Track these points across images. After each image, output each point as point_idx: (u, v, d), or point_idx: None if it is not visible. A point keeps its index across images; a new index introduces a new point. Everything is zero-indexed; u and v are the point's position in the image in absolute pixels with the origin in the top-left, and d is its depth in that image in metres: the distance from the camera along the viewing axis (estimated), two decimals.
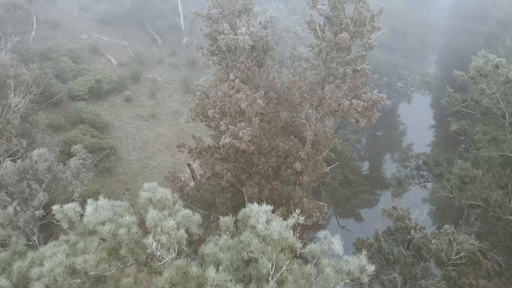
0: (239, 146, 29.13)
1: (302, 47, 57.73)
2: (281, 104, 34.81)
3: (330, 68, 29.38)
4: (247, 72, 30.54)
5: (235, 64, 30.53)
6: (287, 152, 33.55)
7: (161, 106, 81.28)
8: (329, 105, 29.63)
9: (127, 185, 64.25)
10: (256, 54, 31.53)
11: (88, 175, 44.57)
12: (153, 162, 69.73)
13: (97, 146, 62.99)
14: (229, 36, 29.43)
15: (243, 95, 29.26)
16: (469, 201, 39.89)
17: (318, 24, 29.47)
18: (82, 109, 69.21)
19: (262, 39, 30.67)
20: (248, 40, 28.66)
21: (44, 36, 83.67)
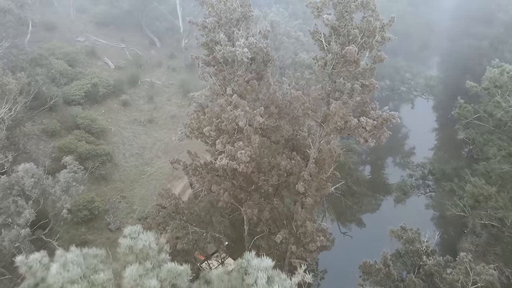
0: (236, 168, 26.17)
1: (304, 53, 54.58)
2: (282, 118, 31.82)
3: (336, 82, 26.33)
4: (245, 86, 27.54)
5: (232, 77, 27.50)
6: (289, 171, 30.54)
7: (159, 111, 78.19)
8: (335, 123, 26.62)
9: (123, 193, 61.26)
10: (255, 66, 28.50)
11: (79, 189, 41.63)
12: (150, 168, 66.77)
13: (93, 153, 60.03)
14: (226, 47, 26.39)
15: (241, 111, 26.25)
16: (482, 221, 36.86)
17: (323, 35, 26.36)
18: (78, 114, 66.14)
19: (262, 50, 27.62)
20: (246, 53, 25.61)
21: (40, 39, 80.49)
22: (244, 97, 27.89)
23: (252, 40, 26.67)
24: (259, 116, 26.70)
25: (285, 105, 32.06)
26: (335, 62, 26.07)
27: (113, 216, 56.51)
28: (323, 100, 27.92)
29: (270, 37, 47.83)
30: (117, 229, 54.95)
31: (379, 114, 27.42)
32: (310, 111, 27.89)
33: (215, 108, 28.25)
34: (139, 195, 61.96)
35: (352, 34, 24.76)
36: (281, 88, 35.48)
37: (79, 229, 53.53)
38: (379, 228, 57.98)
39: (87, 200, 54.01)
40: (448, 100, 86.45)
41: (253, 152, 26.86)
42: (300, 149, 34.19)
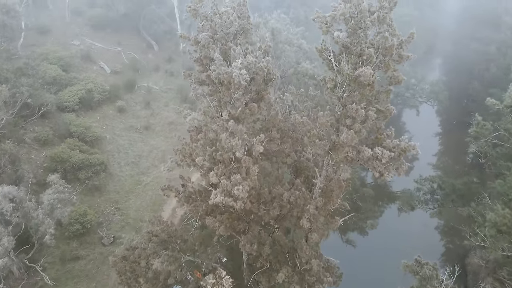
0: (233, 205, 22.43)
1: (307, 62, 50.61)
2: (285, 142, 28.05)
3: (347, 108, 22.55)
4: (243, 110, 23.77)
5: (229, 99, 23.73)
6: (292, 203, 26.79)
7: (156, 117, 74.33)
8: (345, 153, 22.89)
9: (118, 204, 57.54)
10: (255, 87, 24.67)
11: (65, 211, 37.91)
12: (146, 178, 62.94)
13: (86, 163, 56.37)
14: (221, 68, 22.60)
15: (238, 140, 22.50)
16: (505, 252, 33.07)
17: (332, 53, 22.54)
18: (71, 122, 62.37)
19: (262, 70, 23.80)
20: (244, 74, 21.80)
21: (33, 42, 76.61)
22: (242, 121, 24.14)
23: (250, 60, 22.82)
24: (259, 145, 22.94)
25: (288, 128, 28.28)
26: (346, 84, 22.30)
27: (107, 229, 53.00)
28: (332, 126, 24.12)
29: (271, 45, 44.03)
30: (111, 243, 51.46)
31: (396, 143, 23.61)
32: (318, 140, 24.09)
33: (209, 133, 24.48)
34: (134, 207, 58.31)
35: (366, 53, 20.98)
36: (283, 106, 31.70)
37: (71, 244, 49.96)
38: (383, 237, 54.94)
39: (79, 213, 50.43)
40: (452, 105, 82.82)
41: (252, 185, 23.14)
42: (304, 172, 30.43)
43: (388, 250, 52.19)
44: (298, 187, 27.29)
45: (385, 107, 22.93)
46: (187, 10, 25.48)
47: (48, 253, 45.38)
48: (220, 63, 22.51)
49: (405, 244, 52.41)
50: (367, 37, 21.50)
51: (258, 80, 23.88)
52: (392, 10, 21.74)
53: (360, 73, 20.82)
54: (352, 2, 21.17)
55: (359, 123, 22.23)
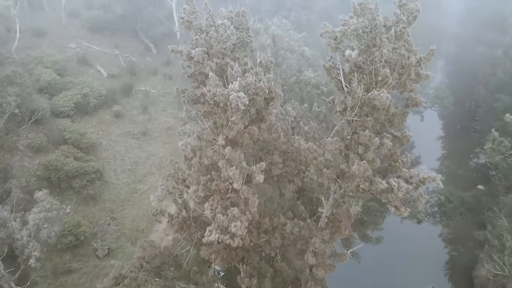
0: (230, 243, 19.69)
1: (310, 70, 47.64)
2: (288, 166, 25.28)
3: (359, 135, 19.77)
4: (242, 134, 21.00)
5: (226, 122, 20.93)
6: (295, 235, 24.00)
7: (153, 122, 71.47)
8: (356, 185, 20.17)
9: (113, 214, 54.89)
10: (255, 109, 21.83)
11: (52, 232, 35.13)
12: (143, 186, 60.29)
13: (81, 171, 53.63)
14: (216, 89, 19.80)
15: (236, 170, 19.75)
16: None
17: (341, 71, 19.73)
18: (66, 128, 59.58)
19: (263, 90, 20.98)
20: (243, 98, 19.01)
21: (29, 45, 73.56)
22: (241, 145, 21.39)
23: (250, 80, 20.00)
24: (259, 174, 20.19)
25: (291, 151, 25.49)
26: (357, 107, 19.53)
27: (101, 240, 50.42)
28: (341, 152, 21.33)
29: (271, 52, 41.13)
30: (105, 255, 48.91)
31: (414, 173, 20.85)
32: (325, 168, 21.29)
33: (204, 160, 21.71)
34: (130, 216, 55.68)
35: (381, 74, 18.19)
36: (285, 123, 28.89)
37: (64, 257, 47.36)
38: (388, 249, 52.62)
39: (72, 224, 47.85)
40: (456, 109, 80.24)
41: (252, 218, 20.40)
42: (307, 194, 27.67)
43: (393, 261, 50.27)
44: (302, 215, 24.51)
45: (401, 133, 20.19)
46: (180, 21, 22.69)
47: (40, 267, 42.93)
48: (215, 83, 19.73)
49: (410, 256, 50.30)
50: (383, 56, 18.69)
51: (258, 100, 21.10)
52: (411, 24, 19.01)
53: (375, 96, 18.03)
54: (366, 16, 18.42)
55: (372, 151, 19.48)
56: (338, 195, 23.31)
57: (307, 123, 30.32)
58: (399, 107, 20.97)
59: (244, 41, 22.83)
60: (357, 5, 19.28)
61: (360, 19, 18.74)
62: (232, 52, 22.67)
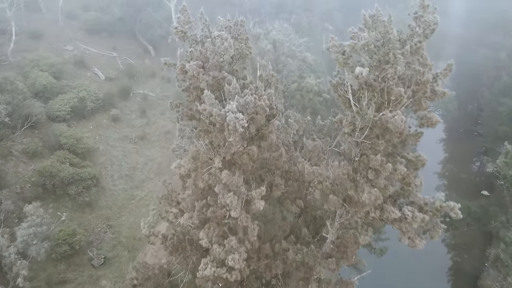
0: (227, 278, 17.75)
1: (312, 77, 45.51)
2: (290, 186, 23.33)
3: (370, 159, 17.80)
4: (241, 155, 19.03)
5: (223, 142, 18.95)
6: (298, 262, 22.05)
7: (151, 126, 69.52)
8: (366, 213, 18.22)
9: (110, 221, 53.01)
10: (254, 128, 19.81)
11: (42, 247, 33.15)
12: (140, 192, 58.42)
13: (76, 177, 51.69)
14: (212, 109, 17.80)
15: (234, 197, 17.80)
16: None
17: (350, 88, 17.71)
18: (61, 133, 57.58)
19: (264, 109, 18.98)
20: (241, 120, 17.03)
21: (25, 48, 71.45)
22: (239, 167, 19.44)
23: (249, 99, 18.00)
24: (259, 201, 18.25)
25: (294, 171, 23.51)
26: (368, 128, 17.54)
27: (97, 249, 48.56)
28: (349, 177, 19.33)
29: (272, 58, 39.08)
30: (101, 265, 47.10)
31: (430, 201, 18.89)
32: (332, 195, 19.31)
33: (199, 182, 19.75)
34: (127, 224, 53.79)
35: (395, 93, 16.22)
36: (287, 136, 26.91)
37: (58, 266, 45.48)
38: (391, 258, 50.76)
39: (67, 233, 45.99)
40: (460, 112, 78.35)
41: (251, 247, 18.48)
42: (311, 212, 25.75)
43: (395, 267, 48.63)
44: (305, 238, 22.55)
45: (415, 156, 18.23)
46: (174, 32, 20.76)
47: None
48: (211, 101, 17.76)
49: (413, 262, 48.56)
50: (396, 73, 16.71)
51: (258, 119, 19.13)
52: (428, 38, 17.05)
53: (388, 118, 16.06)
54: (378, 30, 16.45)
55: (383, 178, 17.51)
56: (345, 219, 21.36)
57: (310, 136, 28.35)
58: (412, 126, 19.04)
59: (243, 53, 20.87)
60: (368, 17, 17.27)
61: (371, 32, 16.79)
62: (230, 64, 20.72)
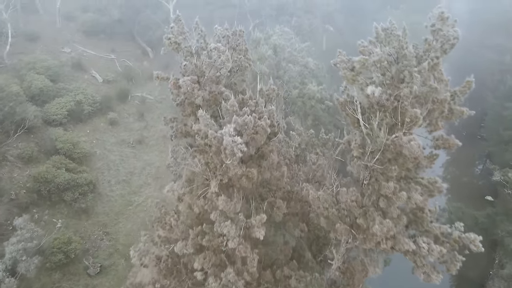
0: None
1: (314, 83, 43.65)
2: (292, 208, 21.57)
3: (381, 185, 16.05)
4: (239, 178, 17.29)
5: (220, 165, 17.17)
6: None
7: (150, 130, 67.77)
8: (377, 243, 16.49)
9: (107, 228, 51.41)
10: (254, 149, 18.02)
11: (32, 263, 31.43)
12: (138, 198, 56.79)
13: (72, 183, 50.12)
14: (208, 130, 15.97)
15: (232, 226, 16.06)
16: None
17: (359, 107, 15.92)
18: (57, 138, 55.93)
19: (264, 129, 17.16)
20: (240, 144, 15.22)
21: (22, 50, 69.64)
22: (238, 190, 17.73)
23: (247, 119, 16.23)
24: (259, 230, 16.50)
25: (297, 191, 21.79)
26: (379, 151, 15.78)
27: (93, 257, 47.03)
28: (358, 204, 17.55)
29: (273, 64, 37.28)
30: (97, 274, 45.52)
31: (446, 231, 17.10)
32: (339, 223, 17.52)
33: (194, 207, 17.97)
34: (125, 231, 52.18)
35: (410, 114, 14.45)
36: (289, 150, 25.16)
37: (53, 276, 43.95)
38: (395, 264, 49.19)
39: (62, 241, 44.51)
40: None
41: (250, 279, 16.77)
42: (314, 232, 24.02)
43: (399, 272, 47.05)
44: (308, 263, 20.80)
45: (430, 182, 16.44)
46: (167, 43, 19.00)
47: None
48: (206, 122, 16.00)
49: None
50: (412, 93, 14.93)
51: (258, 140, 17.36)
52: (447, 53, 15.30)
53: (402, 143, 14.31)
54: (392, 44, 14.69)
55: (396, 207, 15.73)
56: (352, 245, 19.62)
57: (313, 150, 26.57)
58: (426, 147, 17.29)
59: (242, 65, 19.13)
60: (380, 31, 15.50)
61: (385, 48, 15.00)
62: (228, 77, 18.98)
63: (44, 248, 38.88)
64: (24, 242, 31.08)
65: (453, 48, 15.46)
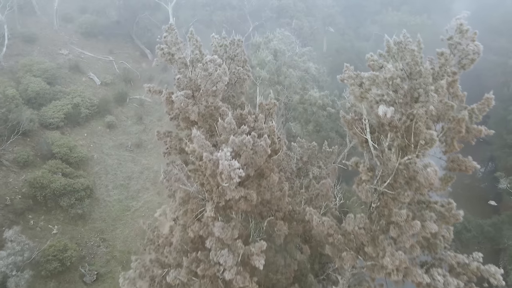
0: None
1: (315, 89, 42.13)
2: (294, 228, 20.15)
3: (391, 212, 14.59)
4: (237, 202, 15.85)
5: (216, 187, 15.74)
6: None
7: (148, 133, 66.40)
8: (387, 273, 15.09)
9: (104, 234, 50.12)
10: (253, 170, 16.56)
11: (22, 279, 29.96)
12: (136, 203, 55.46)
13: (69, 188, 48.89)
14: (202, 151, 14.54)
15: (229, 255, 14.64)
16: None
17: (367, 126, 14.47)
18: (54, 142, 54.67)
19: (265, 150, 15.69)
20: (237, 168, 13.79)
21: (19, 52, 68.29)
22: (235, 213, 16.31)
23: (246, 140, 14.77)
24: (258, 259, 15.08)
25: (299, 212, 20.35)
26: (390, 176, 14.33)
27: (90, 264, 45.81)
28: (366, 232, 16.07)
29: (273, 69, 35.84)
30: (94, 282, 44.24)
31: (463, 261, 15.66)
32: (346, 252, 16.07)
33: (189, 233, 16.49)
34: (122, 237, 50.92)
35: (425, 136, 13.00)
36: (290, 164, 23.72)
37: (48, 284, 42.77)
38: None
39: (58, 248, 43.26)
40: None
41: None
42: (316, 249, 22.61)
43: None
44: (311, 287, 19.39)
45: (446, 208, 14.92)
46: (160, 54, 17.57)
47: None
48: (201, 143, 14.54)
49: None
50: (427, 113, 13.47)
51: (257, 161, 15.90)
52: (466, 70, 13.88)
53: (417, 169, 12.90)
54: (405, 60, 13.25)
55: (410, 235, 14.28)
56: (359, 271, 18.19)
57: (316, 164, 25.14)
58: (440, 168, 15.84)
59: (241, 77, 17.68)
60: (393, 45, 14.04)
61: (398, 64, 13.53)
62: (226, 91, 17.53)
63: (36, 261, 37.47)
64: (14, 256, 29.57)
65: (473, 64, 14.04)
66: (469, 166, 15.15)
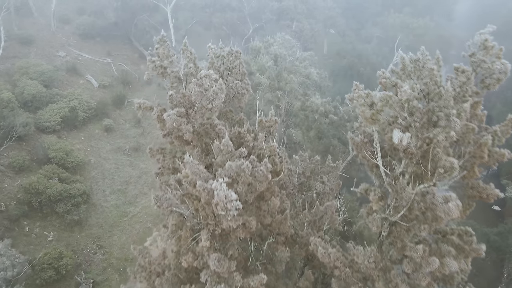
0: None
1: (317, 95, 40.61)
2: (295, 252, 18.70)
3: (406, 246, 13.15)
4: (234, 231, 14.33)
5: (212, 214, 14.25)
6: None
7: (146, 136, 64.86)
8: None
9: (100, 241, 48.71)
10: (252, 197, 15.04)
11: None
12: (133, 209, 54.02)
13: (65, 194, 47.58)
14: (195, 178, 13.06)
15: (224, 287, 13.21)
16: None
17: (378, 150, 12.98)
18: (50, 146, 53.26)
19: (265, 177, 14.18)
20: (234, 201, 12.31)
21: (15, 54, 66.67)
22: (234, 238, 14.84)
23: (244, 165, 13.30)
24: None
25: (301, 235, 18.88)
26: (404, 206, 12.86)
27: (85, 272, 44.48)
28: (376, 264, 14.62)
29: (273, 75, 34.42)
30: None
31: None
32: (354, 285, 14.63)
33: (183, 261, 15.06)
34: (119, 243, 49.51)
35: (445, 164, 11.56)
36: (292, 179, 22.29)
37: None
38: None
39: (53, 256, 41.86)
40: None
41: None
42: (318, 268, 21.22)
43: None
44: None
45: (465, 239, 13.46)
46: (151, 67, 16.13)
47: None
48: (194, 170, 13.09)
49: None
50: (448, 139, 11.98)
51: (257, 187, 14.40)
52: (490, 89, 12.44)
53: (437, 203, 11.45)
54: (423, 80, 11.78)
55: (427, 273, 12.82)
56: None
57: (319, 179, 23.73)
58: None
59: (239, 92, 16.23)
60: (409, 62, 12.53)
61: (415, 85, 12.00)
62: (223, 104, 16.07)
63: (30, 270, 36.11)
64: (4, 271, 28.12)
65: (499, 84, 12.58)
66: (490, 194, 13.64)
